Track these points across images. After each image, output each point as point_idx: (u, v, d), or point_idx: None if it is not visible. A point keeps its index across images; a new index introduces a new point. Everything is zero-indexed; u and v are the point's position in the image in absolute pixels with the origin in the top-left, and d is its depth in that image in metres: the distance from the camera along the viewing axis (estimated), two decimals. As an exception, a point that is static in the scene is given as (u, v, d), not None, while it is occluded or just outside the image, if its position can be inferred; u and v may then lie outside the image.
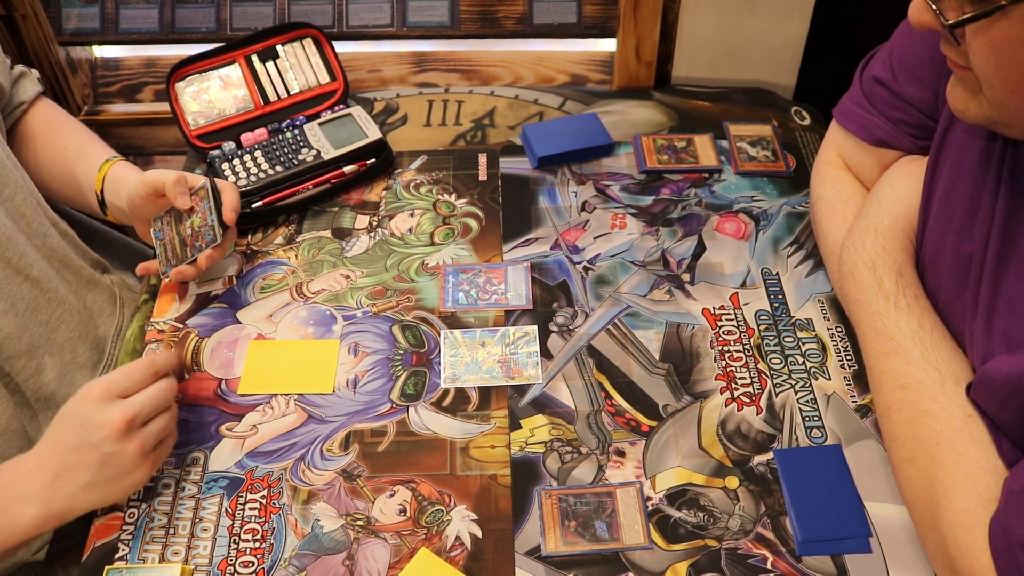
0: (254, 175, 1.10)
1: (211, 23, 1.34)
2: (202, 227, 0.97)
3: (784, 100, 1.30)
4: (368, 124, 1.17)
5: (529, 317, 1.00)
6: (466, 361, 0.95)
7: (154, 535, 0.82)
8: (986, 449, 0.70)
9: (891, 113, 0.90)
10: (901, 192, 0.87)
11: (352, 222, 1.11)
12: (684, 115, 1.26)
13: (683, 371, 0.95)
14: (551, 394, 0.93)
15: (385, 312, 1.01)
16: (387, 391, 0.93)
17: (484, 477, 0.86)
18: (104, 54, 1.42)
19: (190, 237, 0.98)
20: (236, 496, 0.85)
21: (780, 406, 0.91)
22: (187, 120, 1.17)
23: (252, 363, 0.95)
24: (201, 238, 0.97)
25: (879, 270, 0.83)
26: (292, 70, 1.22)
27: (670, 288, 1.03)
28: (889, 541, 0.80)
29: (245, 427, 0.90)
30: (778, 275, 1.04)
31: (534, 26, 1.34)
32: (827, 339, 0.97)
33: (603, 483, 0.85)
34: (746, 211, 1.11)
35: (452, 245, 1.08)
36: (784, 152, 1.19)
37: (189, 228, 0.98)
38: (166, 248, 1.00)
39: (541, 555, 0.80)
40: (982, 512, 0.67)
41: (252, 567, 0.80)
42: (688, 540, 0.81)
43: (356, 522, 0.83)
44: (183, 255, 0.99)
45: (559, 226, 1.10)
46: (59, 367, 0.96)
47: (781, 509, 0.83)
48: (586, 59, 1.40)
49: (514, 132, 1.24)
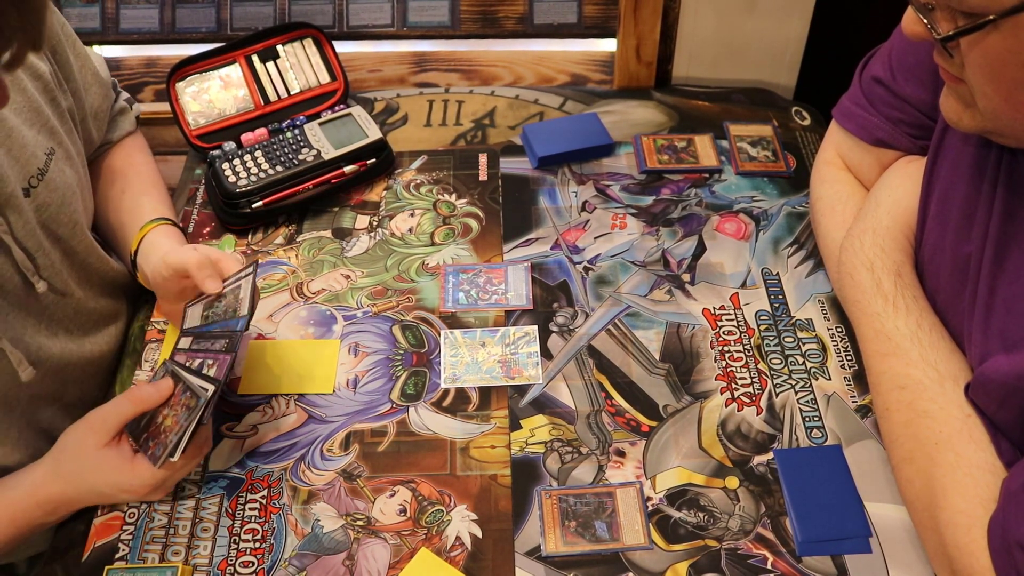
0: (254, 175, 1.10)
1: (211, 23, 1.33)
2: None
3: (784, 100, 1.30)
4: (368, 124, 1.17)
5: (529, 317, 1.00)
6: (466, 361, 0.95)
7: (154, 535, 0.82)
8: (984, 449, 0.70)
9: (890, 113, 0.90)
10: (899, 193, 0.87)
11: (352, 222, 1.11)
12: (684, 115, 1.26)
13: (683, 371, 0.95)
14: (551, 394, 0.93)
15: (385, 312, 1.01)
16: (387, 391, 0.93)
17: (484, 477, 0.86)
18: (104, 54, 1.42)
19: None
20: (236, 496, 0.85)
21: (780, 406, 0.91)
22: (187, 120, 1.17)
23: (252, 363, 0.95)
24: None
25: (878, 271, 0.83)
26: (292, 70, 1.22)
27: (670, 288, 1.03)
28: (889, 541, 0.80)
29: (245, 427, 0.90)
30: (778, 275, 1.04)
31: (534, 26, 1.34)
32: (827, 339, 0.97)
33: (603, 483, 0.85)
34: (746, 211, 1.11)
35: (452, 245, 1.08)
36: (784, 152, 1.19)
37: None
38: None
39: (541, 555, 0.80)
40: (981, 512, 0.67)
41: (252, 567, 0.80)
42: (688, 540, 0.81)
43: (356, 522, 0.83)
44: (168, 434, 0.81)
45: (559, 226, 1.10)
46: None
47: (781, 509, 0.83)
48: (586, 59, 1.40)
49: (514, 132, 1.24)
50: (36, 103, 0.89)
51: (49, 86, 0.91)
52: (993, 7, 0.57)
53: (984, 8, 0.58)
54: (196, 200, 1.15)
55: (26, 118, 0.87)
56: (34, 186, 0.86)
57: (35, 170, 0.86)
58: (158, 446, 0.80)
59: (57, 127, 0.91)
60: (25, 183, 0.85)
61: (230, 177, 1.10)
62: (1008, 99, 0.62)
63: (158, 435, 0.80)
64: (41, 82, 0.90)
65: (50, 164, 0.88)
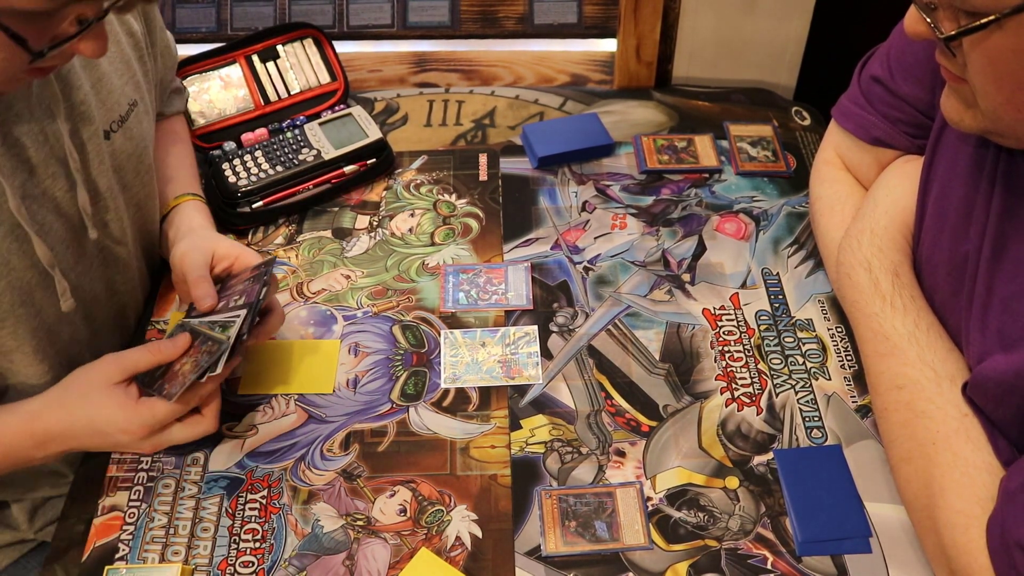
0: (254, 175, 1.10)
1: (211, 23, 1.34)
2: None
3: (784, 100, 1.30)
4: (368, 124, 1.17)
5: (529, 317, 1.00)
6: (466, 361, 0.95)
7: (154, 535, 0.82)
8: (982, 449, 0.70)
9: (889, 112, 0.90)
10: (897, 193, 0.87)
11: (352, 222, 1.11)
12: (684, 115, 1.26)
13: (683, 371, 0.95)
14: (551, 394, 0.93)
15: (385, 312, 1.01)
16: (387, 391, 0.93)
17: (484, 477, 0.86)
18: (105, 54, 1.42)
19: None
20: (236, 496, 0.85)
21: (780, 406, 0.91)
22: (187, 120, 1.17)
23: (252, 363, 0.95)
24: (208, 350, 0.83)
25: (875, 271, 0.83)
26: (292, 70, 1.22)
27: (670, 288, 1.03)
28: (889, 541, 0.80)
29: (245, 427, 0.90)
30: (778, 275, 1.04)
31: (534, 26, 1.35)
32: (827, 339, 0.97)
33: (603, 483, 0.85)
34: (746, 211, 1.11)
35: (452, 245, 1.08)
36: (784, 152, 1.19)
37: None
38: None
39: (541, 555, 0.80)
40: (979, 512, 0.67)
41: (252, 567, 0.80)
42: (688, 540, 0.81)
43: (356, 522, 0.83)
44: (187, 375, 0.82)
45: (559, 226, 1.10)
46: None
47: (781, 509, 0.83)
48: (586, 59, 1.41)
49: (514, 132, 1.24)
50: (127, 57, 0.94)
51: (139, 44, 0.96)
52: (996, 6, 0.57)
53: (987, 7, 0.58)
54: (196, 200, 1.15)
55: (116, 68, 0.92)
56: (115, 131, 0.91)
57: (117, 116, 0.91)
58: (174, 385, 0.81)
59: (142, 83, 0.97)
60: (107, 126, 0.90)
61: (230, 177, 1.10)
62: (1010, 99, 0.62)
63: (175, 379, 0.82)
64: (133, 39, 0.95)
65: (131, 114, 0.93)
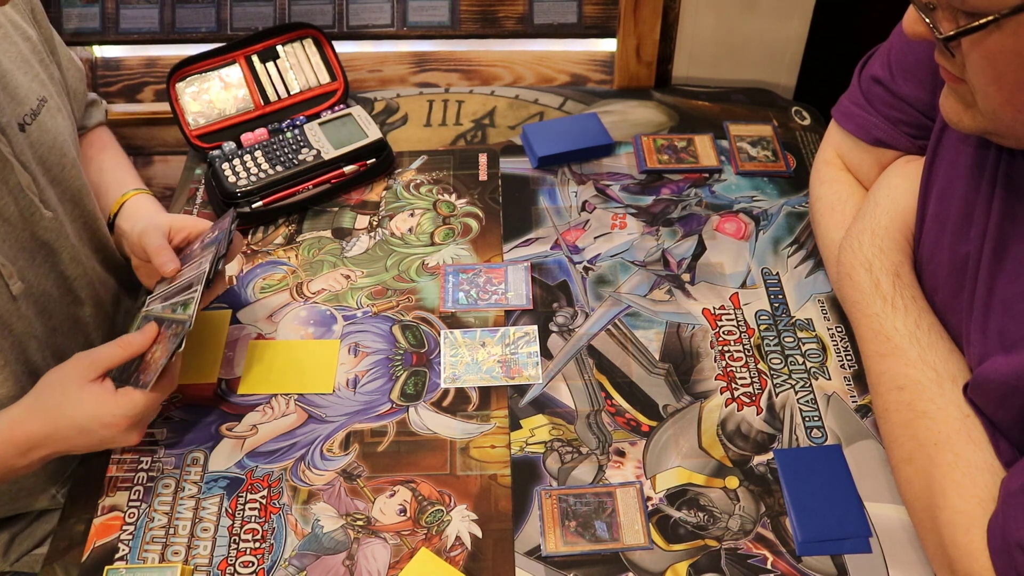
0: (254, 175, 1.10)
1: (211, 23, 1.34)
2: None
3: (784, 100, 1.30)
4: (368, 124, 1.17)
5: (529, 317, 1.00)
6: (466, 361, 0.95)
7: (154, 535, 0.82)
8: (983, 449, 0.70)
9: (889, 112, 0.90)
10: (898, 193, 0.87)
11: (352, 222, 1.11)
12: (684, 115, 1.26)
13: (683, 371, 0.95)
14: (551, 394, 0.93)
15: (385, 312, 1.01)
16: (387, 391, 0.93)
17: (484, 477, 0.86)
18: (104, 54, 1.42)
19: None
20: (236, 496, 0.85)
21: (780, 406, 0.91)
22: (187, 120, 1.17)
23: (252, 363, 0.95)
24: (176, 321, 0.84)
25: (876, 271, 0.83)
26: (292, 70, 1.22)
27: (670, 288, 1.03)
28: (889, 541, 0.80)
29: (245, 427, 0.90)
30: (778, 275, 1.04)
31: (534, 26, 1.34)
32: (827, 339, 0.97)
33: (603, 483, 0.85)
34: (746, 211, 1.11)
35: (452, 245, 1.08)
36: (784, 152, 1.19)
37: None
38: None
39: (541, 555, 0.80)
40: (980, 512, 0.67)
41: (252, 567, 0.80)
42: (688, 540, 0.81)
43: (356, 522, 0.83)
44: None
45: (559, 226, 1.10)
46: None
47: (781, 509, 0.83)
48: (586, 59, 1.41)
49: (514, 132, 1.24)
50: (27, 57, 0.93)
51: (38, 49, 0.96)
52: (995, 7, 0.57)
53: (986, 8, 0.58)
54: (196, 200, 1.15)
55: (19, 66, 0.92)
56: (28, 123, 0.91)
57: (28, 110, 0.91)
58: (148, 374, 0.80)
59: (48, 83, 0.96)
60: (20, 119, 0.89)
61: (230, 177, 1.10)
62: (1009, 99, 0.62)
63: (147, 368, 0.81)
64: (30, 44, 0.95)
65: (42, 109, 0.93)
